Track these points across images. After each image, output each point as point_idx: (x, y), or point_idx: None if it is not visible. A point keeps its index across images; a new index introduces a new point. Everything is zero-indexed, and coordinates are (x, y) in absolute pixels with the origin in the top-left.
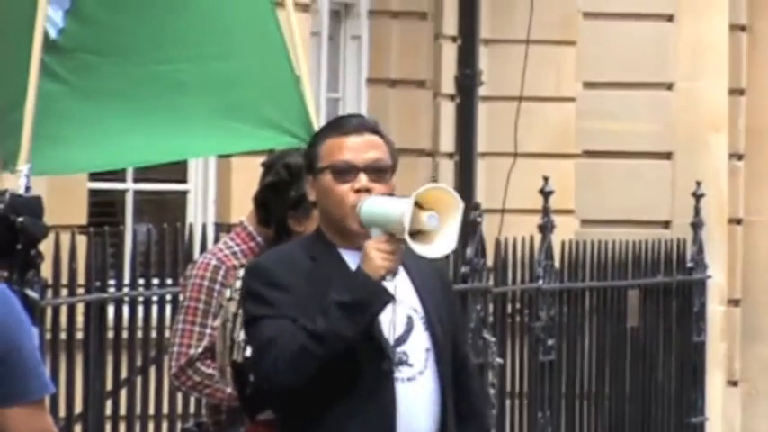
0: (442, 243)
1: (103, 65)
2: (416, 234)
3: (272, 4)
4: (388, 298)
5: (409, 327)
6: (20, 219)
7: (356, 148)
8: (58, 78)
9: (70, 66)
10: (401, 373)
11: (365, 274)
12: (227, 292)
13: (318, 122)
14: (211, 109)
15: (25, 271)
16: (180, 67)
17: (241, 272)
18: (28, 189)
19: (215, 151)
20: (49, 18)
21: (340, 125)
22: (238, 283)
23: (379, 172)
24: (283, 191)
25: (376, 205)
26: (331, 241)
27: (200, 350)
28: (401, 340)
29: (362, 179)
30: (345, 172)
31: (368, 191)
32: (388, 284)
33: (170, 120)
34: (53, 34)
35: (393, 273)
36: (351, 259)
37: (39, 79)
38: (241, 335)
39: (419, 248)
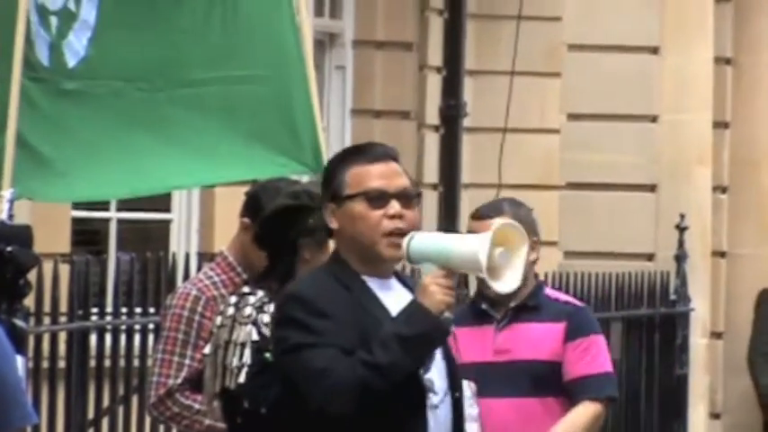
0: (510, 278)
1: (130, 91)
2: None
3: (296, 31)
4: (448, 332)
5: (430, 356)
6: (8, 248)
7: (386, 176)
8: (80, 105)
9: (94, 93)
10: (429, 400)
11: (426, 308)
12: (218, 319)
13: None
14: (235, 133)
15: (13, 300)
16: (204, 90)
17: (232, 299)
18: (11, 216)
19: (234, 177)
20: (69, 45)
21: (364, 153)
22: (231, 310)
23: (409, 198)
24: (304, 217)
25: (430, 241)
26: (354, 269)
27: (179, 381)
28: (426, 368)
29: (396, 206)
30: (378, 199)
31: (401, 217)
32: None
33: (192, 145)
34: (71, 63)
35: (451, 308)
36: (375, 287)
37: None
38: (234, 361)
39: (494, 284)
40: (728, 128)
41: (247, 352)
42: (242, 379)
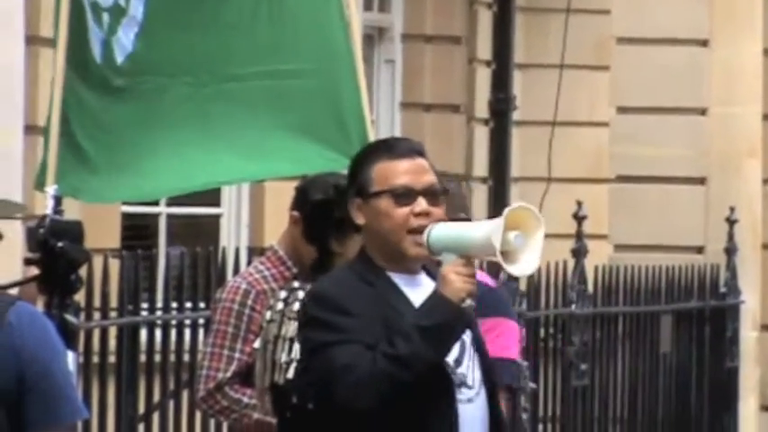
0: (527, 261)
1: (175, 86)
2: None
3: (345, 25)
4: (469, 321)
5: (462, 348)
6: (60, 243)
7: (412, 172)
8: (127, 102)
9: (140, 89)
10: (462, 394)
11: (446, 297)
12: (268, 314)
13: None
14: (283, 128)
15: (65, 296)
16: (251, 84)
17: (282, 293)
18: (59, 211)
19: (283, 172)
20: (118, 41)
21: (390, 148)
22: (280, 305)
23: (435, 195)
24: (330, 210)
25: (448, 230)
26: (379, 265)
27: (228, 374)
28: (458, 362)
29: (422, 203)
30: (405, 196)
31: (427, 214)
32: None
33: (241, 140)
34: (120, 59)
35: (472, 295)
36: (401, 283)
37: (90, 100)
38: (283, 357)
39: (508, 267)
40: None
41: (296, 347)
42: (290, 374)
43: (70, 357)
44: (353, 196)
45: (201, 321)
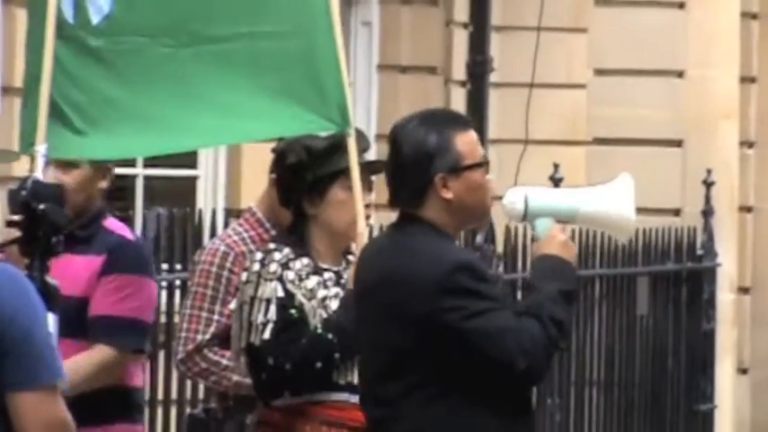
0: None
1: (153, 47)
2: None
3: None
4: None
5: None
6: (41, 206)
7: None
8: (104, 62)
9: (117, 50)
10: None
11: (570, 262)
12: (244, 275)
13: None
14: (261, 90)
15: (46, 258)
16: (230, 46)
17: (258, 255)
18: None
19: (261, 135)
20: (93, 2)
21: (460, 120)
22: (256, 266)
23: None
24: (302, 173)
25: (546, 197)
26: (448, 234)
27: (207, 336)
28: None
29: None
30: (486, 167)
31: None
32: None
33: (219, 102)
34: (96, 20)
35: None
36: None
37: (65, 58)
38: (259, 318)
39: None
40: (755, 82)
41: (272, 308)
42: (267, 335)
43: (51, 320)
44: (445, 172)
45: (178, 283)
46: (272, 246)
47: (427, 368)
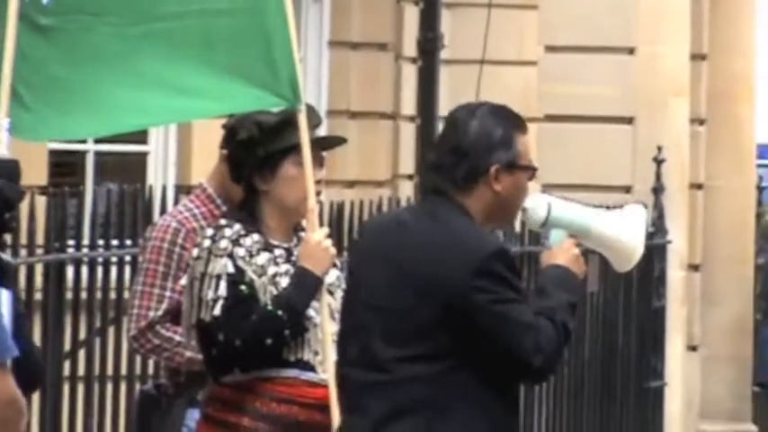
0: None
1: (100, 25)
2: None
3: None
4: None
5: None
6: None
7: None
8: (53, 41)
9: (65, 28)
10: None
11: (577, 276)
12: (195, 252)
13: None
14: (212, 67)
15: (0, 234)
16: (179, 24)
17: (209, 231)
18: None
19: (211, 113)
20: None
21: (522, 122)
22: (207, 242)
23: None
24: (253, 148)
25: (567, 209)
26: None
27: (159, 313)
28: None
29: None
30: (534, 173)
31: None
32: None
33: (169, 80)
34: None
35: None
36: None
37: (18, 37)
38: (210, 294)
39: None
40: (705, 60)
41: (223, 284)
42: (217, 311)
43: (5, 297)
44: (505, 167)
45: (128, 259)
46: (222, 222)
47: (439, 342)
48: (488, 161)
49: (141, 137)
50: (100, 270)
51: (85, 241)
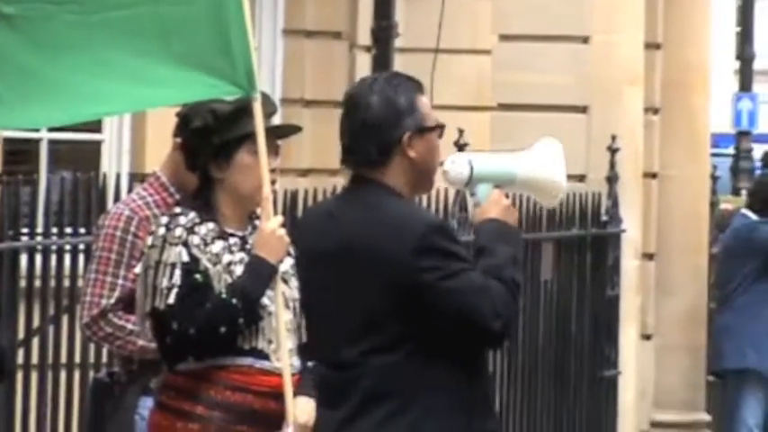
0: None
1: (61, 14)
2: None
3: None
4: None
5: None
6: None
7: None
8: (17, 30)
9: (28, 17)
10: None
11: (513, 227)
12: (149, 240)
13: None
14: (167, 55)
15: None
16: (135, 12)
17: (163, 219)
18: None
19: (167, 101)
20: None
21: (418, 84)
22: (161, 230)
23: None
24: (208, 137)
25: (488, 162)
26: (402, 195)
27: (112, 301)
28: None
29: None
30: (442, 130)
31: None
32: None
33: (126, 69)
34: None
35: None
36: None
37: None
38: (164, 282)
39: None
40: (660, 49)
41: (177, 273)
42: (171, 300)
43: None
44: (413, 131)
45: (82, 247)
46: (177, 210)
47: (399, 328)
48: (399, 131)
49: (95, 125)
50: (54, 258)
51: (39, 229)
